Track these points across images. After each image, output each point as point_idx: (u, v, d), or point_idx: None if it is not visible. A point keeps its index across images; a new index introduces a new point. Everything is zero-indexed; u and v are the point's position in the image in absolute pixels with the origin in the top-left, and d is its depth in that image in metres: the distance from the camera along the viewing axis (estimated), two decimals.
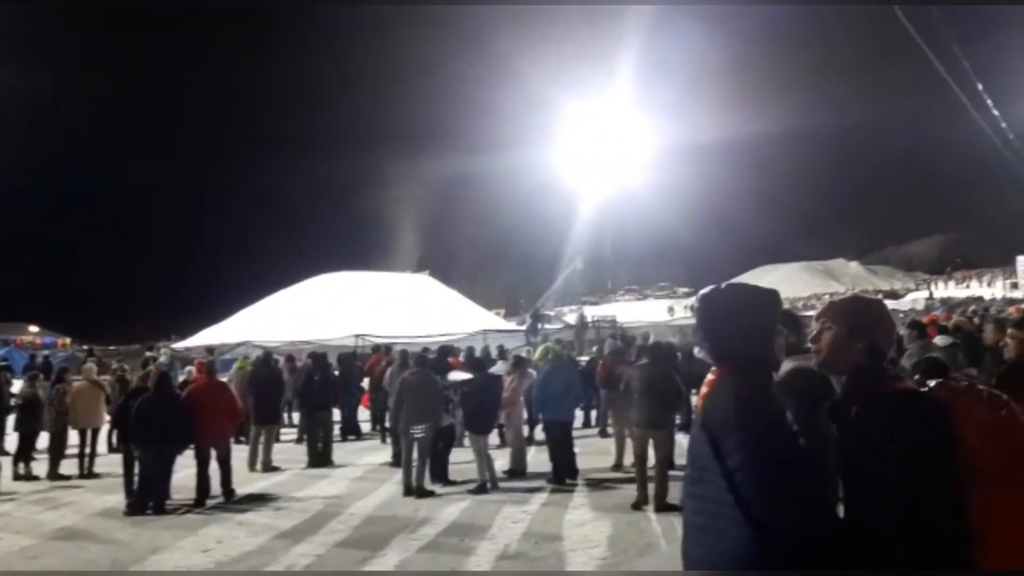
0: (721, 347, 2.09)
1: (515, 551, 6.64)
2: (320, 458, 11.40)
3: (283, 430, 13.60)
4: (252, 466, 11.11)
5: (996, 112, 28.31)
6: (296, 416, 13.72)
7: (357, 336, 19.49)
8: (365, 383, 14.75)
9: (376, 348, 15.74)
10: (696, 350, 3.35)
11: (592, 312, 46.14)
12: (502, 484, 9.21)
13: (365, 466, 11.21)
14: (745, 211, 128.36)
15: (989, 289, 55.70)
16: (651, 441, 7.83)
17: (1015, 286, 48.54)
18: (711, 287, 2.22)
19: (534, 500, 8.44)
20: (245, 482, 9.99)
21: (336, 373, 14.19)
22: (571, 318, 43.18)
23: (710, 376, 2.07)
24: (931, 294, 56.58)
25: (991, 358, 9.01)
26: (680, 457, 7.76)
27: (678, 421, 9.24)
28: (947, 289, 63.61)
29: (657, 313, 58.18)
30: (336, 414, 13.29)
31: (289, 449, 12.50)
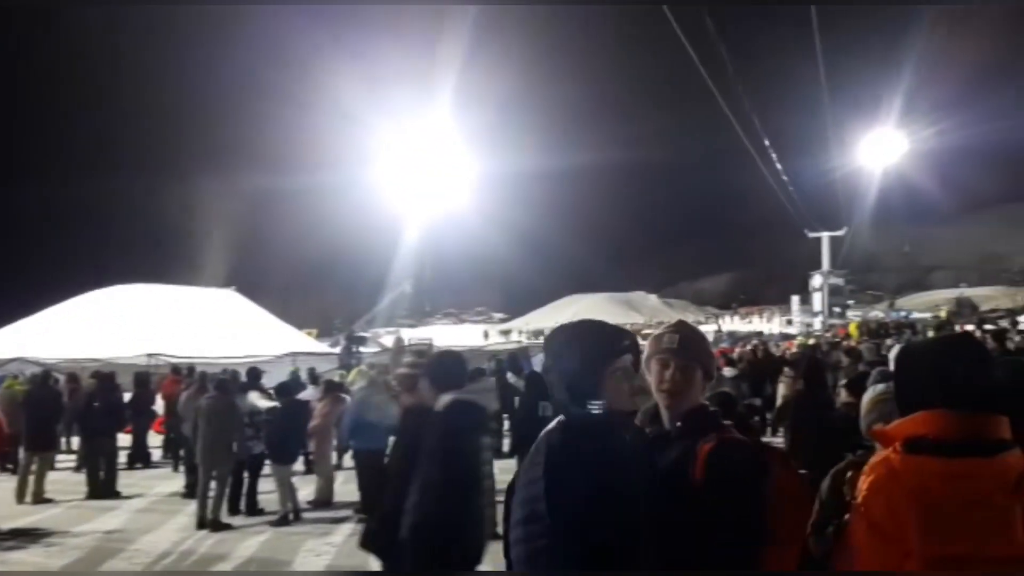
0: (552, 389, 1.97)
1: None
2: (102, 488, 10.39)
3: (60, 457, 12.28)
4: (20, 498, 9.94)
5: (780, 167, 31.64)
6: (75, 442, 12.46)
7: (150, 355, 18.07)
8: (159, 406, 13.69)
9: (174, 369, 14.65)
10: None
11: (409, 335, 45.89)
12: (306, 515, 8.83)
13: (154, 497, 10.35)
14: (559, 241, 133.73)
15: (768, 325, 61.65)
16: None
17: (790, 323, 54.01)
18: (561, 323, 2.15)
19: (339, 532, 8.16)
20: (12, 516, 8.93)
21: (127, 395, 13.03)
22: (388, 340, 42.76)
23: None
24: (719, 327, 61.73)
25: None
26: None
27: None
28: (733, 323, 69.72)
29: (473, 338, 59.02)
30: (126, 439, 12.21)
31: (66, 479, 11.30)
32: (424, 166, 51.87)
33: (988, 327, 30.65)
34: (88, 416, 11.13)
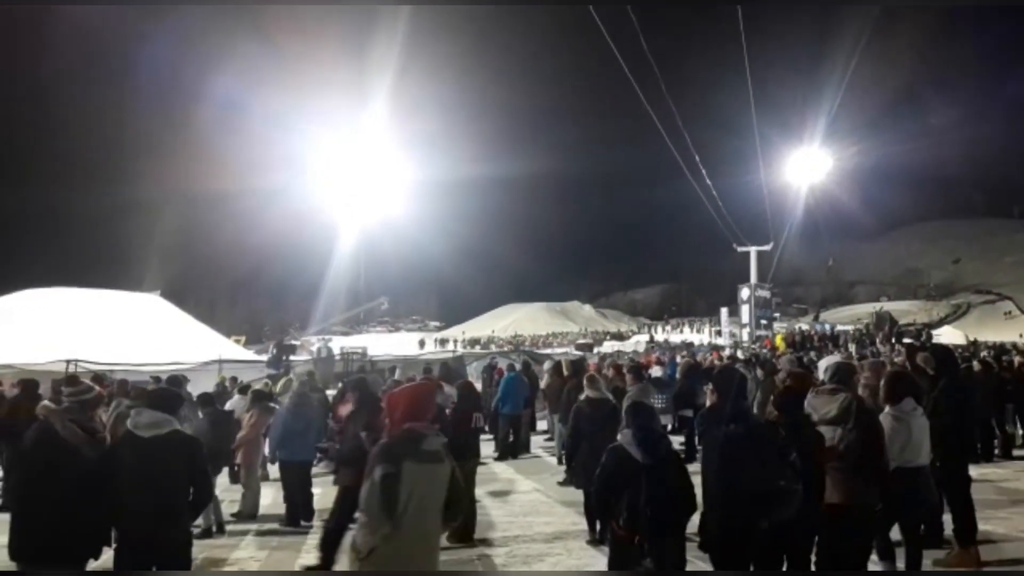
0: None
1: None
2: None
3: None
4: None
5: (710, 183, 32.40)
6: None
7: (69, 361, 17.35)
8: None
9: (94, 376, 14.11)
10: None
11: (343, 343, 45.29)
12: (230, 528, 8.62)
13: None
14: (496, 250, 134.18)
15: (698, 335, 62.97)
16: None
17: (719, 334, 55.25)
18: None
19: (266, 544, 7.99)
20: None
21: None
22: (316, 348, 42.08)
23: None
24: (652, 337, 62.81)
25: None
26: None
27: None
28: (665, 333, 70.94)
29: (408, 346, 58.61)
30: None
31: None
32: (358, 172, 51.38)
33: (906, 340, 32.02)
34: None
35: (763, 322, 45.42)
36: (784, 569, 4.69)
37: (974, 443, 7.51)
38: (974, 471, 9.95)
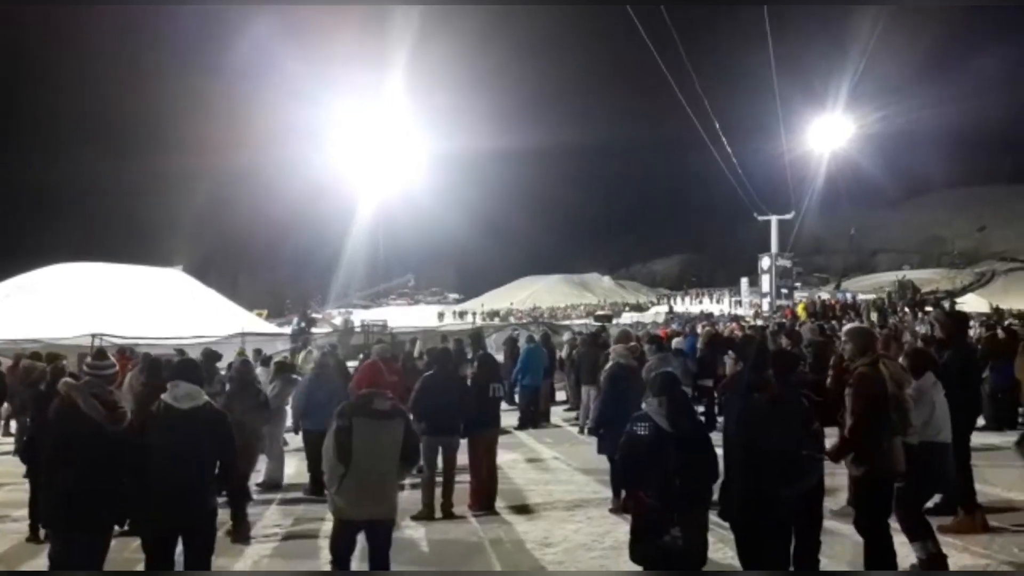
0: None
1: (267, 565, 6.38)
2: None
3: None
4: None
5: (730, 150, 32.01)
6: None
7: (94, 335, 17.60)
8: None
9: (121, 350, 14.32)
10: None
11: (363, 316, 45.61)
12: (257, 497, 8.76)
13: None
14: (514, 222, 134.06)
15: (718, 306, 62.68)
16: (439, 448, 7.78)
17: (739, 304, 54.98)
18: None
19: (290, 513, 8.13)
20: None
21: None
22: (339, 321, 42.39)
23: None
24: (671, 308, 62.59)
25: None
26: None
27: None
28: (685, 304, 70.66)
29: (428, 318, 58.81)
30: None
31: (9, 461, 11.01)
32: (377, 145, 51.32)
33: (928, 308, 31.67)
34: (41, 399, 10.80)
35: (784, 291, 45.12)
36: (793, 546, 4.73)
37: (977, 413, 7.48)
38: (997, 439, 9.92)
